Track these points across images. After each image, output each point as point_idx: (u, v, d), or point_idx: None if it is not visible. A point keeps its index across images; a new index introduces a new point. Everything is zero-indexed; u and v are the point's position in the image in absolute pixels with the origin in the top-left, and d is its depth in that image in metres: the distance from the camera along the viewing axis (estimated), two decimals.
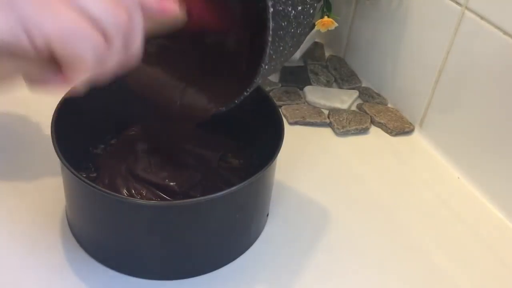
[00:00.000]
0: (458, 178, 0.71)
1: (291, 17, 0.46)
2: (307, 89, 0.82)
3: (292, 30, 0.48)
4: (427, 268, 0.59)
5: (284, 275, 0.57)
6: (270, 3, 0.42)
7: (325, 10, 0.76)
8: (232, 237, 0.57)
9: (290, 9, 0.46)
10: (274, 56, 0.47)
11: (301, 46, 0.83)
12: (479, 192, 0.69)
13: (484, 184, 0.68)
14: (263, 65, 0.46)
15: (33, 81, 0.37)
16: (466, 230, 0.64)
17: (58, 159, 0.50)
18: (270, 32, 0.44)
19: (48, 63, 0.35)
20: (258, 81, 0.48)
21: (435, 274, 0.59)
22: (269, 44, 0.45)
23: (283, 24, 0.45)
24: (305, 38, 0.53)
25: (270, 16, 0.43)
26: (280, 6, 0.44)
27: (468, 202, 0.68)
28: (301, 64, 0.88)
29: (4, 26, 0.32)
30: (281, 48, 0.47)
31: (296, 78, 0.84)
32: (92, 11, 0.34)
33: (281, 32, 0.46)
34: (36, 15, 0.32)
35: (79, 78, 0.36)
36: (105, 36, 0.35)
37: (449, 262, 0.60)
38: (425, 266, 0.59)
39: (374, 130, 0.78)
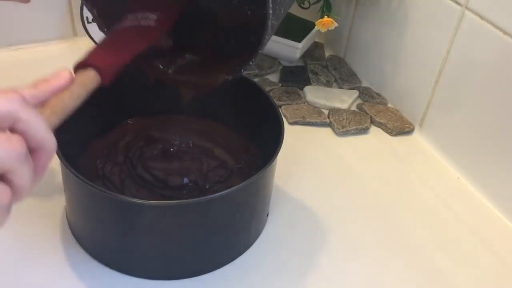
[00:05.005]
0: (458, 178, 0.71)
1: None
2: (307, 89, 0.82)
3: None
4: (427, 268, 0.59)
5: (284, 275, 0.57)
6: None
7: (325, 10, 0.76)
8: (232, 237, 0.56)
9: None
10: (275, 23, 0.46)
11: (301, 46, 0.84)
12: (479, 192, 0.69)
13: (484, 184, 0.68)
14: (266, 36, 0.45)
15: None
16: (466, 230, 0.64)
17: (58, 159, 0.50)
18: (270, 5, 0.42)
19: None
20: (265, 44, 0.47)
21: (435, 274, 0.59)
22: (270, 16, 0.43)
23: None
24: None
25: None
26: None
27: (468, 202, 0.68)
28: (301, 64, 0.88)
29: None
30: (282, 11, 0.46)
31: (296, 78, 0.84)
32: None
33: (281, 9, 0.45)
34: None
35: None
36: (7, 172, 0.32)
37: (449, 262, 0.60)
38: (425, 266, 0.59)
39: (374, 130, 0.78)
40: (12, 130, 0.32)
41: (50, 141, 0.34)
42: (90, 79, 0.42)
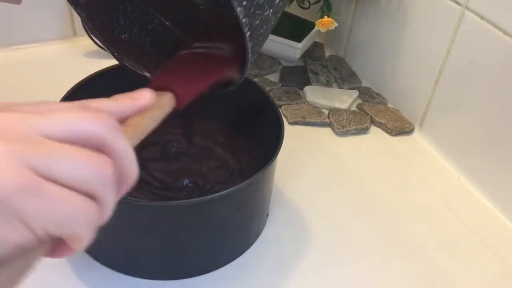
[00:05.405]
0: (458, 178, 0.71)
1: (270, 14, 0.44)
2: (307, 89, 0.82)
3: (272, 23, 0.46)
4: (427, 268, 0.59)
5: (284, 275, 0.57)
6: (246, 28, 0.40)
7: (325, 10, 0.76)
8: (232, 237, 0.57)
9: (267, 13, 0.43)
10: (255, 54, 0.46)
11: (301, 46, 0.84)
12: (479, 192, 0.69)
13: (484, 184, 0.68)
14: (245, 73, 0.46)
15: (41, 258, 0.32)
16: (466, 230, 0.64)
17: None
18: (250, 51, 0.43)
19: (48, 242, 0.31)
20: (242, 78, 0.48)
21: (435, 274, 0.59)
22: (249, 59, 0.44)
23: (261, 30, 0.44)
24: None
25: (248, 38, 0.41)
26: (257, 20, 0.42)
27: (468, 202, 0.68)
28: (301, 64, 0.88)
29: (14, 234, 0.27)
30: (262, 42, 0.47)
31: (296, 78, 0.84)
32: (72, 179, 0.28)
33: (260, 38, 0.45)
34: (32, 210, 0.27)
35: (86, 241, 0.31)
36: (94, 194, 0.29)
37: (449, 262, 0.60)
38: (425, 266, 0.59)
39: (374, 130, 0.78)
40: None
41: (134, 174, 0.31)
42: (168, 103, 0.40)
